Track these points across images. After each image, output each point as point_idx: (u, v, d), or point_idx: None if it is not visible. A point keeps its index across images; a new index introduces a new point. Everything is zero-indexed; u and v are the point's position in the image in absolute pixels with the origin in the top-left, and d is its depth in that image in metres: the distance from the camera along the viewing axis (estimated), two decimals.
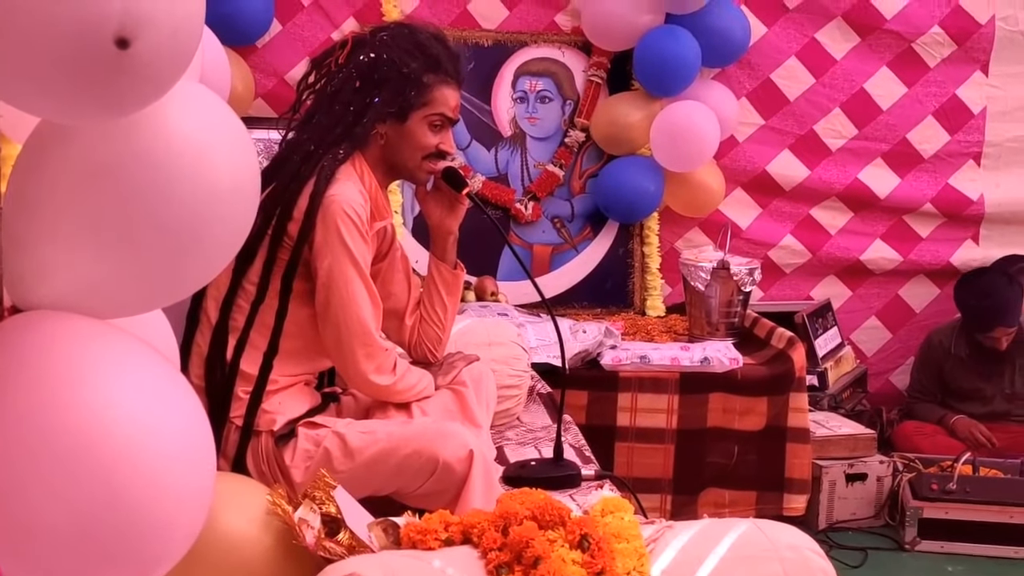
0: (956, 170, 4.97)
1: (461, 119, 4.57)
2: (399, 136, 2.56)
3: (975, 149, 4.97)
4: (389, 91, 2.52)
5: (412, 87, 2.53)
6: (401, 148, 2.58)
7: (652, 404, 3.94)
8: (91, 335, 1.43)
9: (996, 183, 4.99)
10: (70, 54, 1.20)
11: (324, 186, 2.42)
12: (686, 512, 3.92)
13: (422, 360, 2.80)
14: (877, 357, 5.12)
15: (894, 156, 4.93)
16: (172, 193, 1.41)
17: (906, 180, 4.95)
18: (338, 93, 2.54)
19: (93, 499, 1.34)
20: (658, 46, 4.46)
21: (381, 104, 2.52)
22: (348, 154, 2.51)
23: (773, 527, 1.76)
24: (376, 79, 2.52)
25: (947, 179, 4.96)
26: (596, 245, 4.82)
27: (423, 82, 2.54)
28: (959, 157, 4.97)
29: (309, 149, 2.48)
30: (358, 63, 2.54)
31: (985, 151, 4.98)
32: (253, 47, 4.44)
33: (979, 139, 4.97)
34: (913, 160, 4.95)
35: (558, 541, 1.69)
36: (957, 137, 4.96)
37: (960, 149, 4.97)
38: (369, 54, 2.54)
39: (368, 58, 2.54)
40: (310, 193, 2.41)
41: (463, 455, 2.35)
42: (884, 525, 4.20)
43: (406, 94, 2.52)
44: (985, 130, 4.97)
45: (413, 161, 2.60)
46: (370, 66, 2.53)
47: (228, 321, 2.44)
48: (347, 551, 1.75)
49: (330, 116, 2.52)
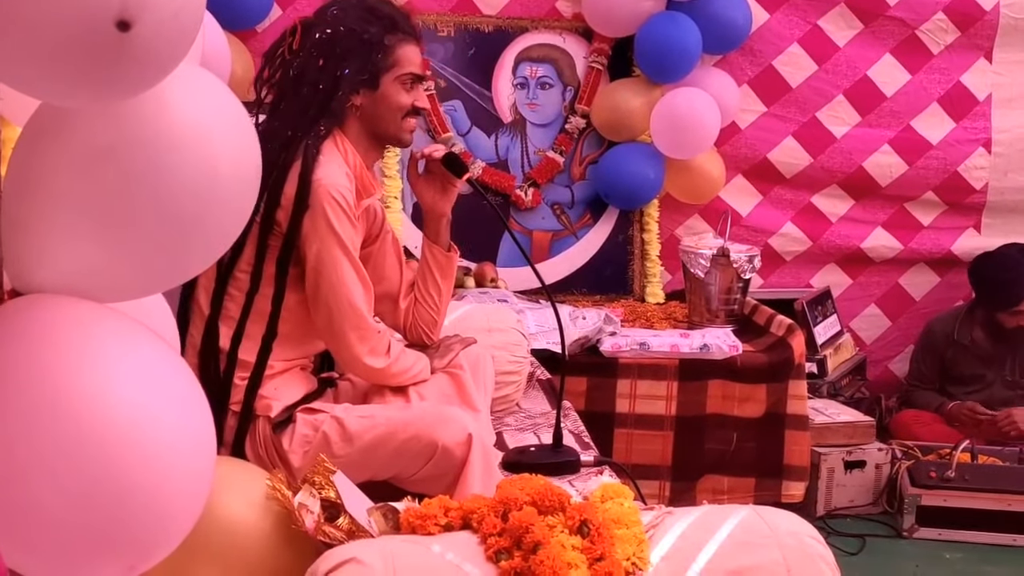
0: (965, 158, 4.94)
1: (461, 104, 4.62)
2: (374, 103, 2.56)
3: (983, 135, 4.94)
4: (356, 60, 2.51)
5: (377, 51, 2.52)
6: (379, 114, 2.57)
7: (651, 391, 3.94)
8: (91, 319, 1.43)
9: (1004, 171, 4.98)
10: (71, 36, 1.20)
11: (311, 167, 2.41)
12: (685, 498, 3.92)
13: (418, 343, 2.80)
14: (876, 345, 5.11)
15: (899, 143, 4.90)
16: (173, 176, 1.41)
17: (913, 167, 4.92)
18: (302, 75, 2.50)
19: (93, 483, 1.34)
20: (659, 32, 4.45)
21: (352, 75, 2.51)
22: (328, 131, 2.51)
23: (772, 514, 1.76)
24: (339, 52, 2.50)
25: (955, 167, 4.93)
26: (596, 232, 4.81)
27: (386, 44, 2.53)
28: (967, 144, 4.94)
29: (286, 135, 2.45)
30: (315, 42, 2.51)
31: (995, 138, 4.95)
32: (253, 31, 4.43)
33: (986, 125, 4.94)
34: (920, 147, 4.91)
35: (558, 527, 1.69)
36: (963, 124, 4.93)
37: (968, 136, 4.94)
38: (325, 31, 2.52)
39: (324, 35, 2.52)
40: (297, 176, 2.41)
41: (462, 439, 2.35)
42: (882, 512, 4.20)
43: (373, 59, 2.52)
44: (991, 116, 4.95)
45: (394, 124, 2.60)
46: (329, 41, 2.51)
47: (220, 311, 2.44)
48: (347, 536, 1.76)
49: (299, 99, 2.49)
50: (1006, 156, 4.97)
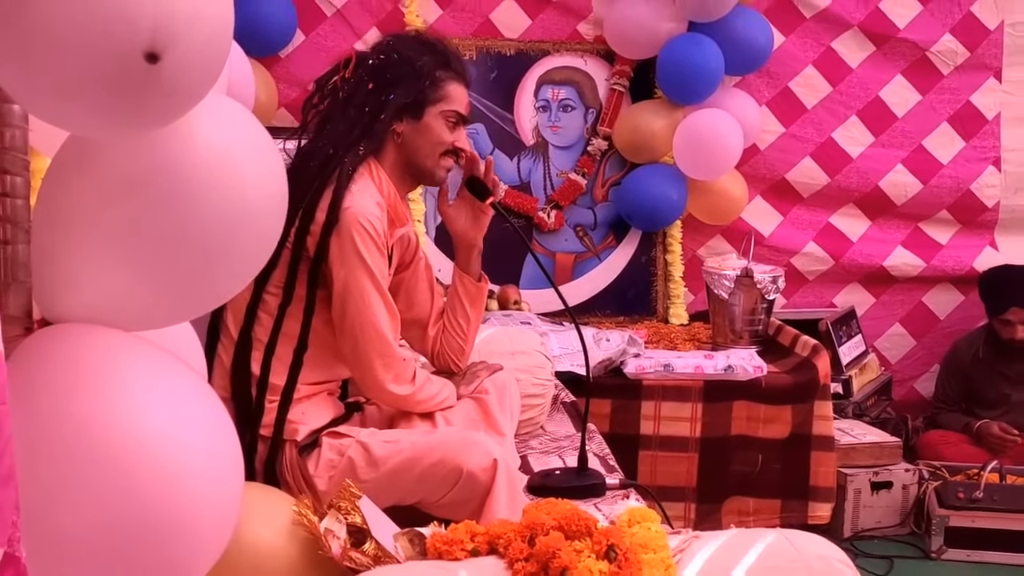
0: (976, 176, 4.97)
1: (484, 127, 4.63)
2: (416, 133, 2.58)
3: (993, 154, 4.98)
4: (404, 87, 2.54)
5: (426, 80, 2.55)
6: (418, 146, 2.59)
7: (676, 412, 3.94)
8: (120, 347, 1.43)
9: (1015, 189, 4.99)
10: (100, 68, 1.21)
11: (342, 194, 2.42)
12: (710, 521, 3.91)
13: (445, 370, 2.81)
14: (901, 364, 5.10)
15: (912, 162, 4.94)
16: (200, 205, 1.42)
17: (927, 186, 4.94)
18: (351, 98, 2.56)
19: (122, 511, 1.34)
20: (681, 54, 4.46)
21: (397, 99, 2.53)
22: (367, 154, 2.53)
23: (801, 537, 1.76)
24: (389, 78, 2.55)
25: (968, 185, 4.96)
26: (619, 253, 4.81)
27: (436, 76, 2.57)
28: (977, 163, 4.97)
29: (328, 153, 2.50)
30: (368, 67, 2.57)
31: (1004, 156, 4.98)
32: (276, 57, 4.47)
33: (995, 144, 4.98)
34: (932, 167, 4.94)
35: (585, 551, 1.69)
36: (972, 143, 4.96)
37: (977, 155, 4.97)
38: (379, 57, 2.58)
39: (378, 60, 2.58)
40: (328, 204, 2.42)
41: (487, 464, 2.35)
42: (910, 533, 4.18)
43: (421, 87, 2.55)
44: (1001, 135, 4.97)
45: (431, 159, 2.61)
46: (382, 67, 2.56)
47: (251, 333, 2.45)
48: (373, 561, 1.76)
49: (345, 120, 2.54)
50: (1015, 175, 5.00)
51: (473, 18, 4.66)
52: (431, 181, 2.69)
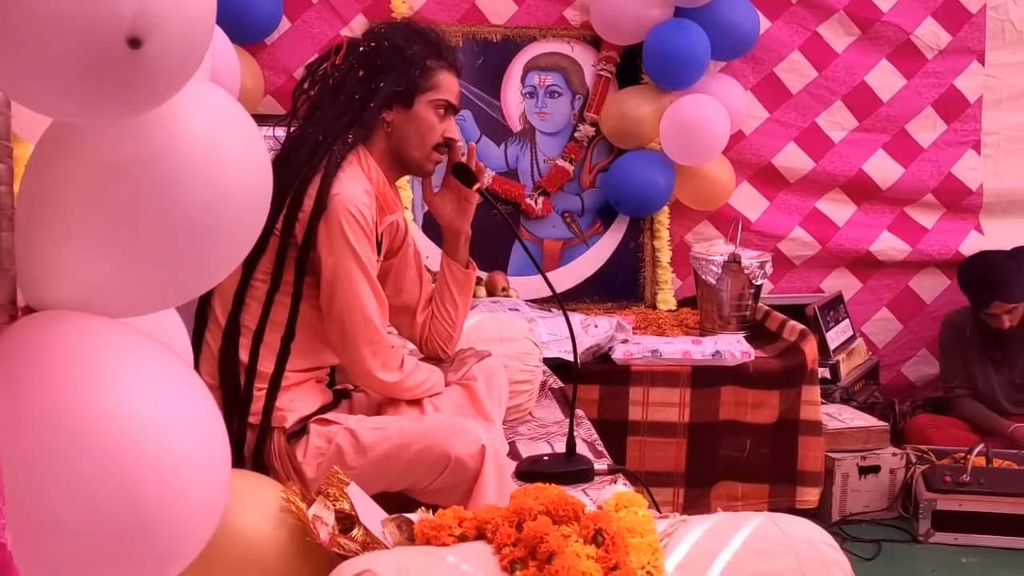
0: (956, 159, 5.00)
1: (471, 114, 4.62)
2: (405, 122, 2.58)
3: (972, 137, 5.00)
4: (394, 74, 2.54)
5: (416, 68, 2.55)
6: (408, 135, 2.59)
7: (664, 398, 3.95)
8: (105, 334, 1.43)
9: (996, 172, 5.02)
10: (82, 54, 1.21)
11: (330, 181, 2.42)
12: (699, 505, 3.92)
13: (433, 357, 2.81)
14: (889, 349, 5.11)
15: (894, 147, 4.96)
16: (184, 192, 1.41)
17: (908, 170, 4.97)
18: (341, 84, 2.55)
19: (108, 498, 1.34)
20: (667, 40, 4.45)
21: (387, 87, 2.53)
22: (356, 141, 2.53)
23: (788, 521, 1.76)
24: (379, 65, 2.54)
25: (949, 168, 4.98)
26: (606, 239, 4.82)
27: (427, 65, 2.57)
28: (957, 146, 5.00)
29: (317, 140, 2.49)
30: (358, 54, 2.57)
31: (984, 139, 5.01)
32: (262, 44, 4.45)
33: (975, 127, 5.00)
34: (913, 150, 4.97)
35: (572, 536, 1.69)
36: (954, 126, 4.99)
37: (958, 138, 5.00)
38: (369, 44, 2.58)
39: (369, 47, 2.58)
40: (316, 191, 2.42)
41: (475, 450, 2.35)
42: (897, 517, 4.19)
43: (411, 75, 2.54)
44: (982, 118, 5.00)
45: (420, 149, 2.61)
46: (372, 54, 2.56)
47: (239, 320, 2.45)
48: (361, 547, 1.76)
49: (335, 107, 2.54)
50: (994, 158, 5.03)
51: (459, 4, 4.65)
52: (419, 172, 2.69)
